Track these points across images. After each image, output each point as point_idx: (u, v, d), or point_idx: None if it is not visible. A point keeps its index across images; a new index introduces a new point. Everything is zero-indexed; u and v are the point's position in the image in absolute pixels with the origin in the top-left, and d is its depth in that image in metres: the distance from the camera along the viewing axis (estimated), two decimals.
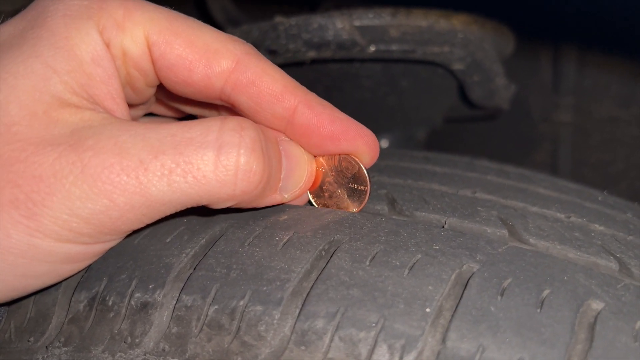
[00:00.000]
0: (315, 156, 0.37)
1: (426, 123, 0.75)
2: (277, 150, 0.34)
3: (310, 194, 0.38)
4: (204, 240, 0.34)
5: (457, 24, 0.56)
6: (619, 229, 0.38)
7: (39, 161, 0.29)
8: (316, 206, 0.38)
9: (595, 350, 0.27)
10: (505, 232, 0.34)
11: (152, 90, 0.36)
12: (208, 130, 0.31)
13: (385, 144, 0.74)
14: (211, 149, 0.30)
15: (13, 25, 0.32)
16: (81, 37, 0.31)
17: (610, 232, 0.38)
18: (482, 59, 0.59)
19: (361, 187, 0.37)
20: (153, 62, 0.33)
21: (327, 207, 0.38)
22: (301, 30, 0.55)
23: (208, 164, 0.30)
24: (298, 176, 0.36)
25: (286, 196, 0.36)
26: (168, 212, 0.31)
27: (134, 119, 0.40)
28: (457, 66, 0.59)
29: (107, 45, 0.32)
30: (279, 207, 0.37)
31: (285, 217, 0.35)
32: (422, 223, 0.34)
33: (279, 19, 0.55)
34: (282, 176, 0.35)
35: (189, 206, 0.31)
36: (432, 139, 0.85)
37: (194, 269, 0.32)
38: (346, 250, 0.32)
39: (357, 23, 0.54)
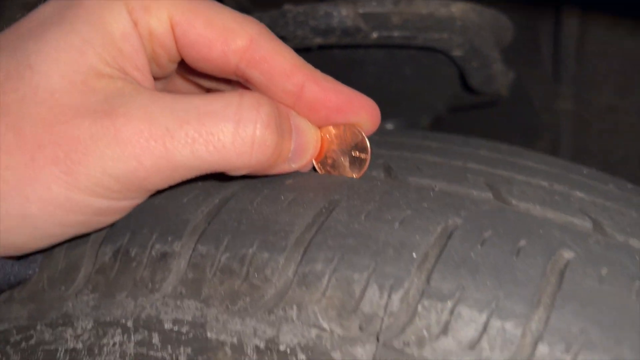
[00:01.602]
0: (320, 127, 0.40)
1: (429, 109, 0.78)
2: (289, 124, 0.38)
3: (315, 162, 0.41)
4: (218, 200, 0.38)
5: (456, 11, 0.60)
6: (598, 196, 0.41)
7: (78, 124, 0.32)
8: (320, 173, 0.41)
9: (563, 291, 0.30)
10: (490, 194, 0.37)
11: (174, 66, 0.40)
12: (228, 104, 0.34)
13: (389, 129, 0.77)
14: (231, 122, 0.34)
15: (52, 6, 0.36)
16: (113, 16, 0.35)
17: (590, 198, 0.41)
18: (480, 45, 0.62)
19: (362, 155, 0.40)
20: (175, 40, 0.36)
21: (330, 173, 0.41)
22: (308, 18, 0.58)
23: (227, 136, 0.34)
24: (306, 148, 0.39)
25: (294, 166, 0.39)
26: (189, 177, 0.35)
27: (158, 90, 0.44)
28: (457, 52, 0.62)
29: (135, 24, 0.35)
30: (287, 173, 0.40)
31: (291, 181, 0.39)
32: (414, 186, 0.38)
33: (287, 7, 0.59)
34: (291, 148, 0.38)
35: (208, 172, 0.35)
36: (436, 128, 0.88)
37: (208, 223, 0.36)
38: (344, 207, 0.35)
39: (361, 10, 0.58)
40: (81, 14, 0.34)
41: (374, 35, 0.59)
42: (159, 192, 0.39)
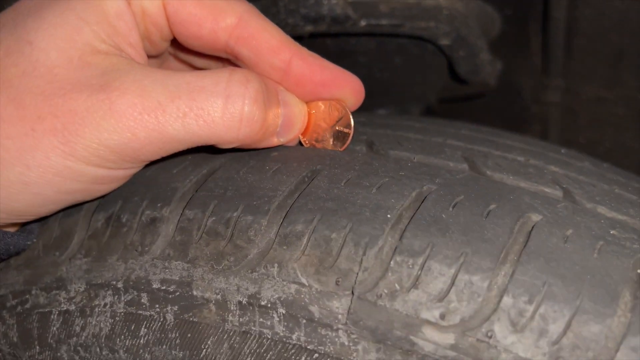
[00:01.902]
0: (307, 102, 0.42)
1: (419, 99, 0.80)
2: (277, 100, 0.39)
3: (301, 136, 0.43)
4: (206, 170, 0.40)
5: (442, 1, 0.61)
6: (572, 170, 0.43)
7: (75, 97, 0.34)
8: (305, 146, 0.43)
9: (529, 249, 0.32)
10: (465, 166, 0.39)
11: (167, 44, 0.41)
12: (218, 80, 0.36)
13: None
14: (220, 98, 0.35)
15: None
16: None
17: (563, 172, 0.42)
18: (467, 34, 0.64)
19: (346, 130, 0.41)
20: (167, 19, 0.38)
21: (315, 147, 0.43)
22: (299, 6, 0.60)
23: (217, 110, 0.35)
24: (294, 122, 0.40)
25: (282, 140, 0.41)
26: (181, 149, 0.37)
27: None
28: (444, 41, 0.64)
29: (129, 4, 0.37)
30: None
31: (276, 153, 0.41)
32: (393, 158, 0.40)
33: None
34: (279, 122, 0.39)
35: (199, 145, 0.37)
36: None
37: (196, 191, 0.38)
38: (325, 175, 0.37)
39: None
40: None
41: (363, 23, 0.61)
42: (151, 164, 0.41)
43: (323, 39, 0.69)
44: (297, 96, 0.41)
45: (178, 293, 0.35)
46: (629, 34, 0.80)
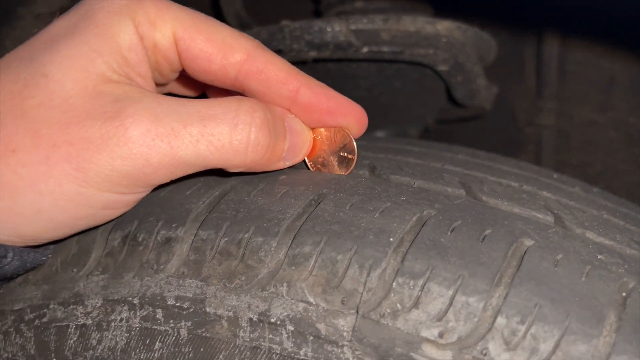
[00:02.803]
0: (313, 129, 0.44)
1: (418, 121, 0.83)
2: (283, 126, 0.41)
3: (307, 160, 0.45)
4: (218, 192, 0.42)
5: (441, 29, 0.64)
6: (564, 196, 0.46)
7: (89, 125, 0.36)
8: (311, 170, 0.46)
9: (522, 272, 0.34)
10: (462, 191, 0.42)
11: (176, 75, 0.43)
12: (227, 109, 0.38)
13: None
14: (229, 125, 0.38)
15: (67, 20, 0.39)
16: (120, 29, 0.38)
17: (555, 197, 0.45)
18: (464, 61, 0.67)
19: (350, 156, 0.44)
20: (178, 54, 0.40)
21: (320, 171, 0.45)
22: (304, 32, 0.63)
23: (226, 137, 0.38)
24: (299, 147, 0.43)
25: (288, 163, 0.43)
26: (191, 172, 0.39)
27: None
28: (442, 67, 0.67)
29: (141, 38, 0.39)
30: (280, 170, 0.45)
31: (284, 177, 0.43)
32: (395, 183, 0.42)
33: (284, 22, 0.63)
34: (285, 147, 0.42)
35: (208, 168, 0.39)
36: (424, 139, 0.92)
37: (209, 212, 0.40)
38: (331, 199, 0.39)
39: (352, 27, 0.63)
40: (91, 27, 0.38)
41: (365, 50, 0.63)
42: (165, 186, 0.43)
43: (325, 63, 0.72)
44: (303, 123, 0.43)
45: (192, 309, 0.37)
46: (620, 60, 0.84)
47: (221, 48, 0.39)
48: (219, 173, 0.44)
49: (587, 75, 0.87)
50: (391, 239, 0.36)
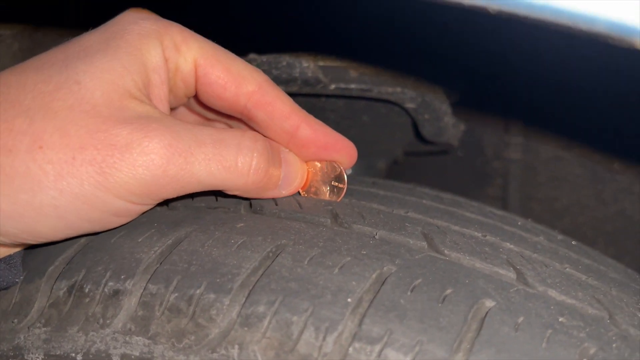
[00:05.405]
0: (306, 162, 0.47)
1: (386, 155, 0.82)
2: (279, 157, 0.45)
3: (301, 190, 0.48)
4: (171, 240, 0.40)
5: None
6: (527, 247, 0.45)
7: (116, 133, 0.37)
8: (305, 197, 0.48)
9: (482, 338, 0.33)
10: (424, 244, 0.41)
11: (187, 100, 0.47)
12: (234, 136, 0.42)
13: (348, 172, 0.80)
14: (236, 149, 0.41)
15: (99, 35, 0.41)
16: (148, 50, 0.41)
17: (518, 249, 0.44)
18: (432, 99, 0.67)
19: (340, 185, 0.47)
20: (196, 79, 0.43)
21: (314, 198, 0.48)
22: (271, 67, 0.62)
23: (233, 159, 0.41)
24: (293, 177, 0.46)
25: (284, 192, 0.46)
26: (197, 190, 0.41)
27: None
28: (409, 105, 0.66)
29: (166, 60, 0.42)
30: (237, 216, 0.43)
31: (242, 224, 0.42)
32: (356, 233, 0.41)
33: (252, 55, 0.62)
34: (281, 175, 0.45)
35: (213, 188, 0.41)
36: (393, 171, 0.92)
37: (160, 263, 0.38)
38: (289, 252, 0.38)
39: (320, 63, 0.62)
40: (123, 46, 0.40)
41: (332, 86, 0.63)
42: (116, 231, 0.42)
43: (294, 96, 0.71)
44: (300, 156, 0.47)
45: None
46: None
47: (236, 78, 0.43)
48: (176, 217, 0.42)
49: (553, 111, 0.88)
50: (349, 300, 0.34)
